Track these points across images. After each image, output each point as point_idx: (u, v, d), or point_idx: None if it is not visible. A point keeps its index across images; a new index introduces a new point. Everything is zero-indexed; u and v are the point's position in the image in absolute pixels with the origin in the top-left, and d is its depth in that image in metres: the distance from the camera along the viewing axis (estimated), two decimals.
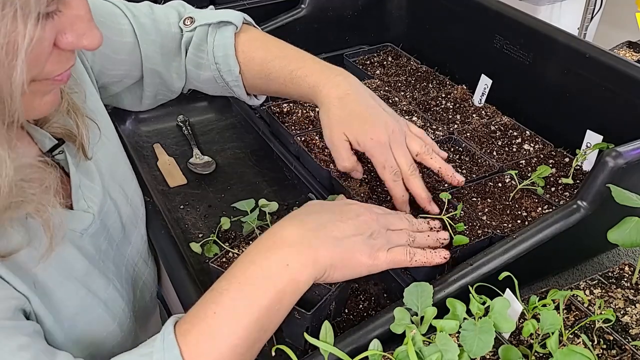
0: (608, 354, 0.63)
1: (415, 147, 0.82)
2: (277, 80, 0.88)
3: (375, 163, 0.81)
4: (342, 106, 0.81)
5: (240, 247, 0.80)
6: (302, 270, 0.62)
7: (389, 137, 0.80)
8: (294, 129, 1.04)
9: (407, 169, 0.81)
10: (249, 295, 0.60)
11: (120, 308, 0.75)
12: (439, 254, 0.71)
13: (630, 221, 0.66)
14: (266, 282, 0.60)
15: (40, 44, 0.51)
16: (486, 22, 1.14)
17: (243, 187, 1.03)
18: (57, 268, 0.65)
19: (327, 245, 0.64)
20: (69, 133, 0.69)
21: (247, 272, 0.61)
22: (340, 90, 0.82)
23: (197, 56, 0.91)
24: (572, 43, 0.98)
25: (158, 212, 0.92)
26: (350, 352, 0.63)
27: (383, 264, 0.67)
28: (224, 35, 0.89)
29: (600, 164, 0.73)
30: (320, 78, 0.84)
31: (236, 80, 0.91)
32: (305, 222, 0.66)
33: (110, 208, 0.76)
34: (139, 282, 0.84)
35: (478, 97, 1.12)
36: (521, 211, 0.85)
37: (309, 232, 0.64)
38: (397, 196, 0.81)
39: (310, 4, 1.28)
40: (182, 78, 0.93)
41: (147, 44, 0.87)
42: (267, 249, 0.63)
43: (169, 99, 0.98)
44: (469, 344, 0.55)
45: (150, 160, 1.10)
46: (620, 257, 0.88)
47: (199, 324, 0.59)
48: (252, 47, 0.90)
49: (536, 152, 0.99)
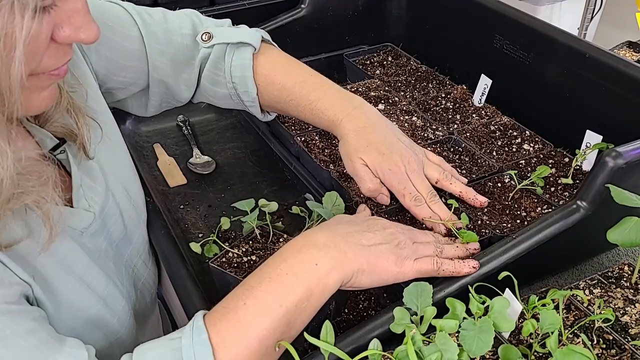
0: (607, 354, 0.63)
1: (434, 174, 0.84)
2: (297, 108, 0.89)
3: (395, 192, 0.82)
4: (360, 137, 0.83)
5: (240, 247, 0.80)
6: (330, 272, 0.63)
7: (405, 167, 0.82)
8: (294, 129, 1.04)
9: (426, 196, 0.82)
10: (278, 291, 0.61)
11: (121, 305, 0.75)
12: (468, 264, 0.71)
13: (629, 221, 0.66)
14: (296, 280, 0.62)
15: (37, 38, 0.51)
16: (486, 22, 1.14)
17: (243, 187, 1.04)
18: (58, 263, 0.65)
19: (355, 251, 0.66)
20: (70, 132, 0.69)
21: (278, 269, 0.63)
22: (359, 123, 0.84)
23: (214, 73, 0.91)
24: (572, 43, 0.98)
25: (158, 212, 0.92)
26: (350, 352, 0.63)
27: (410, 273, 0.68)
28: (242, 56, 0.89)
29: (600, 164, 0.73)
30: (339, 111, 0.85)
31: (252, 102, 0.92)
32: (334, 229, 0.68)
33: (113, 209, 0.76)
34: (138, 283, 0.84)
35: (478, 97, 1.12)
36: (521, 211, 0.85)
37: (338, 237, 0.66)
38: (426, 218, 0.81)
39: (310, 4, 1.28)
40: (190, 90, 0.93)
41: (157, 53, 0.86)
42: (297, 250, 0.65)
43: (174, 107, 0.98)
44: (469, 344, 0.55)
45: (150, 160, 1.10)
46: (619, 257, 0.88)
47: (229, 314, 0.60)
48: (271, 71, 0.90)
49: (536, 152, 0.99)
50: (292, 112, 0.91)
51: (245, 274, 0.76)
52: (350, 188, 0.89)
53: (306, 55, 0.93)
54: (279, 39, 0.97)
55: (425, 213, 0.81)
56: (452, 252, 0.73)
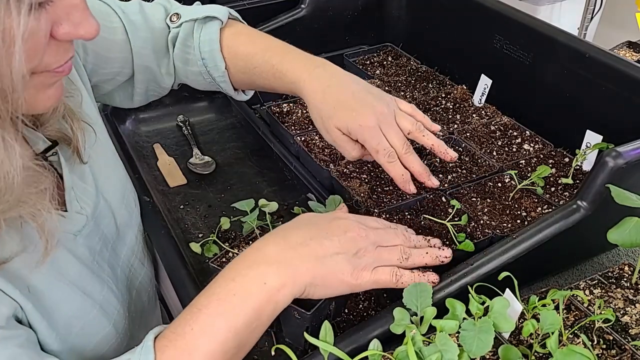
0: (608, 354, 0.63)
1: (407, 125, 0.82)
2: (261, 75, 0.88)
3: (369, 148, 0.81)
4: (325, 100, 0.81)
5: (240, 247, 0.80)
6: (280, 289, 0.61)
7: (377, 119, 0.80)
8: (294, 129, 1.04)
9: (401, 149, 0.80)
10: (226, 313, 0.59)
11: (116, 309, 0.74)
12: (427, 278, 0.68)
13: (630, 221, 0.66)
14: (244, 300, 0.60)
15: (35, 35, 0.51)
16: (486, 22, 1.14)
17: (243, 187, 1.04)
18: (51, 272, 0.65)
19: (308, 265, 0.63)
20: (64, 136, 0.69)
21: (226, 289, 0.61)
22: (322, 83, 0.82)
23: (184, 52, 0.91)
24: (572, 43, 0.98)
25: (158, 212, 0.92)
26: (350, 352, 0.63)
27: (366, 284, 0.66)
28: (209, 30, 0.89)
29: (600, 164, 0.73)
30: (301, 73, 0.84)
31: (222, 76, 0.92)
32: (288, 238, 0.65)
33: (104, 209, 0.75)
34: (135, 283, 0.84)
35: (478, 97, 1.12)
36: (521, 211, 0.85)
37: (290, 251, 0.64)
38: (397, 177, 0.81)
39: (310, 4, 1.28)
40: (171, 75, 0.94)
41: (138, 40, 0.87)
42: (247, 266, 0.63)
43: (160, 95, 0.98)
44: (469, 344, 0.55)
45: (150, 160, 1.10)
46: (620, 257, 0.88)
47: (177, 339, 0.59)
48: (236, 41, 0.90)
49: (536, 152, 0.99)
50: (259, 82, 0.90)
51: None
52: (351, 187, 0.89)
53: None
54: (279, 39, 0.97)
55: (397, 171, 0.80)
56: (419, 259, 0.69)
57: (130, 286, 0.82)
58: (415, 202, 0.87)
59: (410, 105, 0.85)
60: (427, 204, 0.87)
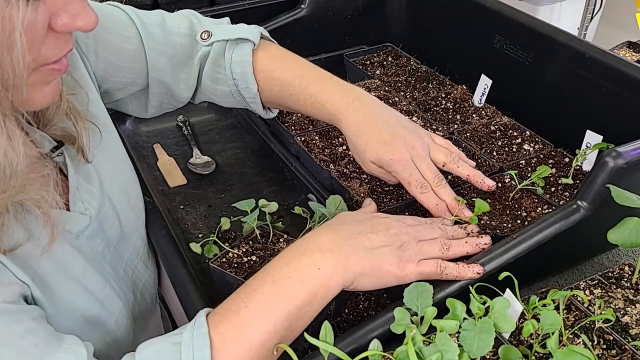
0: (608, 354, 0.63)
1: (441, 157, 0.82)
2: (297, 102, 0.88)
3: (401, 180, 0.81)
4: (361, 133, 0.82)
5: (240, 247, 0.80)
6: (332, 275, 0.63)
7: (409, 153, 0.80)
8: (294, 129, 1.04)
9: (432, 180, 0.81)
10: (280, 294, 0.61)
11: (118, 308, 0.75)
12: (472, 269, 0.70)
13: (630, 221, 0.66)
14: (298, 283, 0.62)
15: (33, 27, 0.51)
16: (486, 22, 1.14)
17: (243, 187, 1.04)
18: (55, 266, 0.65)
19: (358, 254, 0.65)
20: (69, 136, 0.69)
21: (281, 272, 0.63)
22: (359, 117, 0.83)
23: (214, 71, 0.91)
24: (572, 43, 0.98)
25: (158, 212, 0.92)
26: (350, 352, 0.63)
27: (412, 276, 0.68)
28: (241, 52, 0.89)
29: (600, 164, 0.73)
30: (339, 106, 0.84)
31: (254, 98, 0.92)
32: (338, 231, 0.68)
33: (109, 211, 0.76)
34: (139, 284, 0.84)
35: (478, 97, 1.12)
36: (521, 211, 0.85)
37: (342, 240, 0.66)
38: (432, 207, 0.80)
39: (310, 4, 1.28)
40: (190, 89, 0.93)
41: (155, 53, 0.86)
42: (301, 253, 0.65)
43: (175, 108, 0.98)
44: (469, 344, 0.55)
45: (150, 160, 1.10)
46: (620, 257, 0.88)
47: (230, 316, 0.60)
48: (271, 66, 0.90)
49: (536, 152, 0.99)
50: (294, 107, 0.90)
51: (246, 274, 0.76)
52: (351, 187, 0.89)
53: (306, 55, 0.92)
54: (279, 39, 0.97)
55: (431, 201, 0.80)
56: (459, 249, 0.72)
57: (134, 287, 0.83)
58: (415, 202, 0.87)
59: (445, 140, 0.86)
60: None
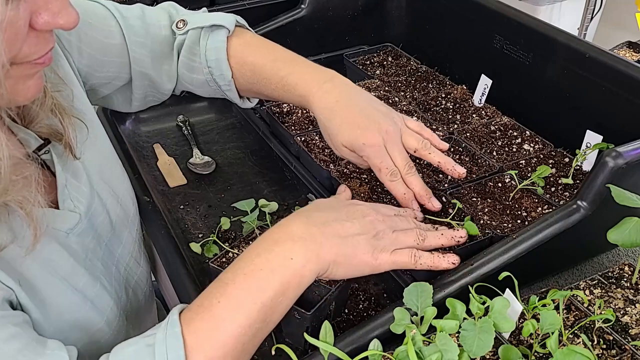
0: (608, 354, 0.63)
1: (412, 143, 0.81)
2: (269, 86, 0.88)
3: (372, 166, 0.81)
4: (332, 117, 0.81)
5: (240, 247, 0.80)
6: (305, 264, 0.63)
7: (382, 138, 0.79)
8: (294, 129, 1.04)
9: (403, 168, 0.80)
10: (253, 286, 0.61)
11: (109, 307, 0.74)
12: (447, 259, 0.70)
13: (630, 221, 0.66)
14: (270, 274, 0.61)
15: (14, 25, 0.50)
16: (486, 22, 1.14)
17: (243, 187, 1.04)
18: (43, 266, 0.65)
19: (332, 242, 0.65)
20: (55, 132, 0.69)
21: (252, 264, 0.62)
22: (330, 99, 0.82)
23: (189, 59, 0.91)
24: (572, 43, 0.98)
25: (158, 212, 0.92)
26: (350, 352, 0.63)
27: (385, 265, 0.68)
28: (216, 39, 0.89)
29: (600, 164, 0.73)
30: (310, 87, 0.83)
31: (228, 85, 0.92)
32: (311, 218, 0.67)
33: (98, 208, 0.75)
34: (131, 282, 0.84)
35: (478, 97, 1.12)
36: (521, 211, 0.85)
37: (314, 228, 0.65)
38: (399, 195, 0.80)
39: (310, 4, 1.28)
40: (172, 81, 0.93)
41: (137, 46, 0.87)
42: (273, 242, 0.64)
43: (160, 101, 0.98)
44: (469, 344, 0.55)
45: (150, 160, 1.10)
46: (620, 257, 0.88)
47: (203, 312, 0.60)
48: (244, 52, 0.90)
49: (536, 152, 0.99)
50: (267, 93, 0.90)
51: None
52: (351, 187, 0.89)
53: (306, 55, 0.92)
54: (279, 39, 0.97)
55: (399, 189, 0.80)
56: (435, 241, 0.72)
57: (126, 285, 0.82)
58: None
59: (417, 123, 0.85)
60: None
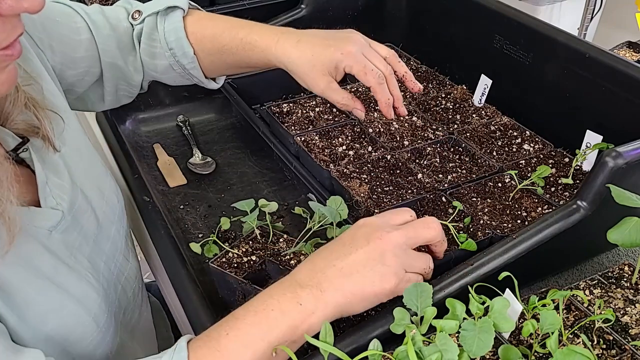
0: (608, 354, 0.63)
1: (383, 51, 0.85)
2: (230, 52, 0.89)
3: (356, 72, 0.82)
4: (301, 52, 0.83)
5: (240, 247, 0.80)
6: (314, 311, 0.62)
7: (357, 47, 0.82)
8: (294, 129, 1.04)
9: (385, 70, 0.83)
10: (262, 324, 0.61)
11: (96, 303, 0.73)
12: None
13: (630, 221, 0.66)
14: (280, 316, 0.62)
15: None
16: (486, 22, 1.14)
17: (243, 187, 1.04)
18: (23, 266, 0.64)
19: (336, 285, 0.64)
20: (32, 128, 0.68)
21: (265, 304, 0.63)
22: (292, 40, 0.84)
23: (150, 46, 0.92)
24: (572, 43, 0.98)
25: (158, 212, 0.91)
26: (350, 352, 0.63)
27: (398, 289, 0.66)
28: (172, 20, 0.90)
29: (600, 164, 0.73)
30: (269, 38, 0.85)
31: (192, 62, 0.92)
32: (315, 263, 0.66)
33: (83, 205, 0.74)
34: (121, 278, 0.83)
35: (478, 97, 1.12)
36: (521, 211, 0.85)
37: (319, 273, 0.64)
38: (384, 100, 0.83)
39: (310, 4, 1.28)
40: (139, 71, 0.94)
41: (103, 38, 0.88)
42: (284, 288, 0.64)
43: (132, 96, 0.98)
44: (469, 344, 0.55)
45: (150, 160, 1.10)
46: (620, 257, 0.88)
47: (210, 342, 0.60)
48: (201, 26, 0.91)
49: (536, 152, 0.99)
50: (229, 60, 0.91)
51: (245, 274, 0.76)
52: (351, 188, 0.89)
53: None
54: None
55: (385, 95, 0.82)
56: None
57: (116, 281, 0.81)
58: (415, 202, 0.87)
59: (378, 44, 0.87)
60: (427, 204, 0.87)
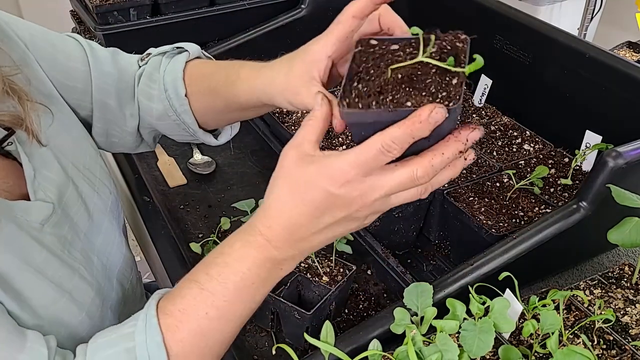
0: (608, 354, 0.63)
1: None
2: (218, 91, 0.80)
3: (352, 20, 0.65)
4: (279, 66, 0.71)
5: None
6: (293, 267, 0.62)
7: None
8: (294, 129, 1.04)
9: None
10: (245, 298, 0.60)
11: (89, 298, 0.72)
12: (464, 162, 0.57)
13: (630, 221, 0.66)
14: (262, 286, 0.60)
15: None
16: (486, 22, 1.14)
17: (243, 187, 1.04)
18: (16, 260, 0.64)
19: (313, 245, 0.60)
20: (16, 119, 0.67)
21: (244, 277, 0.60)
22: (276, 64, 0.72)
23: (148, 86, 0.86)
24: (572, 43, 0.98)
25: (158, 212, 0.92)
26: (350, 352, 0.63)
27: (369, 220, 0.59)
28: (176, 61, 0.85)
29: (600, 164, 0.73)
30: (253, 68, 0.76)
31: (183, 105, 0.84)
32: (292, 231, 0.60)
33: (73, 197, 0.74)
34: (115, 271, 0.81)
35: (478, 97, 1.12)
36: (518, 211, 0.85)
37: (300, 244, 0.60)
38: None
39: (310, 4, 1.28)
40: (135, 116, 0.88)
41: (101, 74, 0.84)
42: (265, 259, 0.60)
43: (125, 144, 0.91)
44: (469, 344, 0.55)
45: (150, 160, 1.10)
46: (620, 257, 0.88)
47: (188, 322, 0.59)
48: (199, 67, 0.85)
49: (536, 152, 0.99)
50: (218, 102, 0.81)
51: None
52: None
53: None
54: (279, 39, 0.97)
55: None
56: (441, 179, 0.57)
57: (110, 274, 0.80)
58: (416, 202, 0.87)
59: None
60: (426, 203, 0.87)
